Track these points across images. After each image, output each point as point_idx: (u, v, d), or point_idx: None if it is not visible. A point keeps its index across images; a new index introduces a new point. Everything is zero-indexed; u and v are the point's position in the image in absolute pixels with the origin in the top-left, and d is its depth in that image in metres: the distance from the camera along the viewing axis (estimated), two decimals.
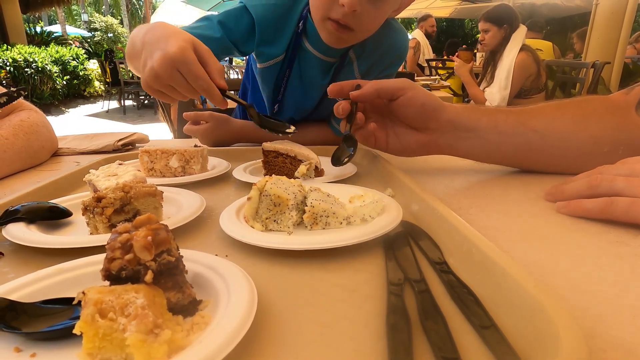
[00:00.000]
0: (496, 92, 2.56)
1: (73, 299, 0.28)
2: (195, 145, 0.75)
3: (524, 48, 2.53)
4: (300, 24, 0.87)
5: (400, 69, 4.56)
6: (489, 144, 0.63)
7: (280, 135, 0.67)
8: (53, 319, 0.30)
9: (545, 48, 3.84)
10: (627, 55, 3.59)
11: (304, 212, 0.45)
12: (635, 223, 0.44)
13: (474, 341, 0.28)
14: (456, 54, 2.84)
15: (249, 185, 0.60)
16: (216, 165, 0.76)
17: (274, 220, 0.45)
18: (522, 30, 2.56)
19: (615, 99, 0.63)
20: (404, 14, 10.00)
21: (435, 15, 5.37)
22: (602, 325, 0.30)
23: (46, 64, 7.46)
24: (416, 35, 4.81)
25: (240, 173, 0.68)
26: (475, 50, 5.62)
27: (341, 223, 0.45)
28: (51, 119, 1.00)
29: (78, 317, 0.25)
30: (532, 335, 0.27)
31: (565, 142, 0.60)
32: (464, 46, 4.69)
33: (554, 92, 2.84)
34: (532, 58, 2.54)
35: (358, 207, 0.46)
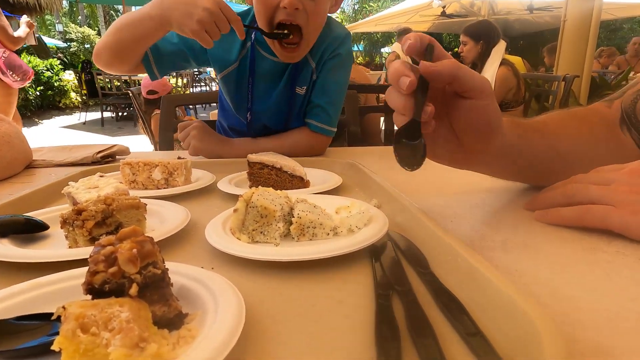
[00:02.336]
0: None
1: (51, 314, 0.27)
2: (179, 157, 0.74)
3: (504, 62, 2.63)
4: (252, 35, 0.97)
5: (382, 82, 4.64)
6: (515, 167, 0.60)
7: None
8: (29, 335, 0.29)
9: (515, 62, 3.99)
10: (593, 69, 3.76)
11: (291, 223, 0.45)
12: (608, 229, 0.46)
13: (460, 348, 0.28)
14: None
15: (234, 197, 0.59)
16: (200, 177, 0.75)
17: (261, 232, 0.45)
18: (501, 45, 2.67)
19: (604, 113, 0.63)
20: (384, 27, 10.22)
21: (415, 30, 5.51)
22: (581, 329, 0.31)
23: None
24: (395, 48, 4.92)
25: (225, 185, 0.68)
26: None
27: (328, 234, 0.45)
28: (23, 130, 0.99)
29: (57, 333, 0.25)
30: (516, 341, 0.27)
31: (581, 163, 0.58)
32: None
33: (529, 103, 2.95)
34: (512, 72, 2.65)
35: (345, 218, 0.46)
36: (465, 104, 0.48)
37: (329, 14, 0.96)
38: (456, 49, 2.86)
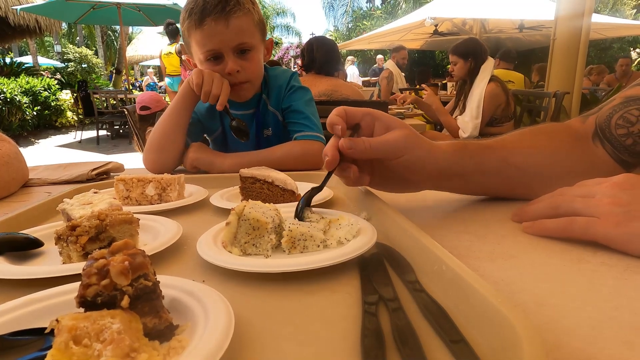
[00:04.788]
0: (468, 120, 2.68)
1: (44, 329, 0.27)
2: (172, 173, 0.75)
3: (493, 79, 2.68)
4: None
5: (374, 98, 4.71)
6: (473, 184, 0.65)
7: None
8: (23, 350, 0.30)
9: (516, 80, 4.07)
10: (583, 87, 3.84)
11: (282, 236, 0.45)
12: (592, 241, 0.47)
13: (444, 355, 0.29)
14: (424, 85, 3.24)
15: (226, 212, 0.60)
16: (193, 192, 0.76)
17: (253, 244, 0.45)
18: (490, 62, 2.72)
19: (576, 128, 0.67)
20: (377, 45, 10.40)
21: (407, 47, 5.60)
22: (566, 337, 0.32)
23: (15, 95, 7.29)
24: (389, 65, 4.97)
25: (217, 199, 0.69)
26: (445, 81, 5.93)
27: (318, 246, 0.46)
28: (20, 150, 1.03)
29: (50, 347, 0.25)
30: (499, 348, 0.28)
31: (542, 175, 0.63)
32: (430, 80, 5.26)
33: (522, 119, 3.00)
34: (501, 88, 2.70)
35: (334, 230, 0.47)
36: (393, 162, 0.57)
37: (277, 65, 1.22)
38: (448, 66, 2.93)
